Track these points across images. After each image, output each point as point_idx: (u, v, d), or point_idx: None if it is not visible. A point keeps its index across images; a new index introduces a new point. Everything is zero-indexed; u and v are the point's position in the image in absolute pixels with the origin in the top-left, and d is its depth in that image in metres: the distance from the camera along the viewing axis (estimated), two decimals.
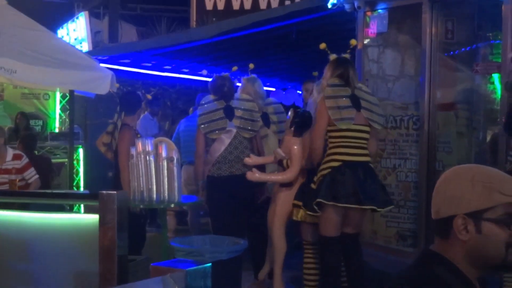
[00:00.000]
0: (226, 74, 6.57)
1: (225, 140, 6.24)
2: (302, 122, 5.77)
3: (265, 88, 13.06)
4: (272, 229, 5.90)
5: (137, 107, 6.75)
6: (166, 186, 5.07)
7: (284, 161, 5.75)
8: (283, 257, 5.79)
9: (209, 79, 6.71)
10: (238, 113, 6.32)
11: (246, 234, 6.43)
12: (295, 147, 5.67)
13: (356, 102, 5.37)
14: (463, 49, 6.80)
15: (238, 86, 6.81)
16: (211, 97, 6.44)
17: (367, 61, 7.33)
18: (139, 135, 6.61)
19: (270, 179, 6.01)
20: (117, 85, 7.79)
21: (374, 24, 7.29)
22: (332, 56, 5.62)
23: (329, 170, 5.19)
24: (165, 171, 5.06)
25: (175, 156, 5.09)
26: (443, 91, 6.75)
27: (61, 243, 3.33)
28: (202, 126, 6.23)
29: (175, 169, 5.07)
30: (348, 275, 5.49)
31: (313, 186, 5.37)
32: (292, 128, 5.80)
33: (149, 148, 5.10)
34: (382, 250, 6.97)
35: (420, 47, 6.74)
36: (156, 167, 5.08)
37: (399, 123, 6.98)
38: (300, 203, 5.63)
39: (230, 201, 5.94)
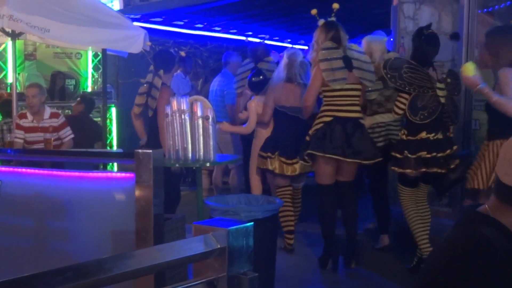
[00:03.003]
0: (263, 41, 8.08)
1: (248, 94, 7.29)
2: (257, 82, 6.90)
3: (298, 46, 12.96)
4: (249, 174, 7.09)
5: (173, 66, 6.89)
6: (201, 145, 5.05)
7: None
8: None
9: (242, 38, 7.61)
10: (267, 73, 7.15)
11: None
12: (251, 103, 6.82)
13: (348, 63, 5.81)
14: (502, 5, 6.62)
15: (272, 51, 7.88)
16: (247, 60, 7.57)
17: (403, 18, 7.20)
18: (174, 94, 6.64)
19: (234, 130, 7.34)
20: (149, 43, 7.80)
21: None
22: (321, 21, 5.94)
23: (322, 124, 5.78)
24: (201, 130, 5.03)
25: (210, 114, 5.05)
26: (481, 48, 6.60)
27: (97, 202, 3.34)
28: (236, 84, 7.57)
29: (210, 127, 5.04)
30: (343, 219, 6.08)
31: (307, 138, 5.93)
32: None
33: (184, 106, 5.06)
34: None
35: (458, 3, 6.59)
36: (191, 125, 5.06)
37: None
38: (264, 154, 6.60)
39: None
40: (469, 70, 4.92)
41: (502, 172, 1.88)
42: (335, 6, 5.93)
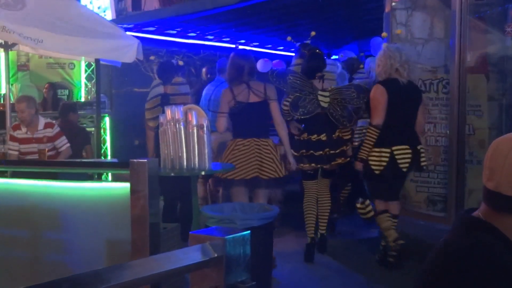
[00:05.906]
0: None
1: None
2: None
3: (290, 54, 12.98)
4: None
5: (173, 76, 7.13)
6: (196, 154, 5.04)
7: None
8: None
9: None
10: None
11: None
12: None
13: None
14: (493, 10, 6.64)
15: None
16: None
17: (395, 24, 7.22)
18: None
19: None
20: (153, 57, 7.90)
21: None
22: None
23: None
24: (195, 139, 5.02)
25: (205, 123, 5.04)
26: (473, 53, 6.62)
27: (92, 212, 3.32)
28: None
29: (205, 136, 5.03)
30: None
31: None
32: None
33: (178, 115, 5.05)
34: (412, 215, 6.93)
35: (449, 9, 6.60)
36: (186, 134, 5.05)
37: (429, 87, 6.88)
38: None
39: None
40: None
41: (485, 178, 1.89)
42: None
